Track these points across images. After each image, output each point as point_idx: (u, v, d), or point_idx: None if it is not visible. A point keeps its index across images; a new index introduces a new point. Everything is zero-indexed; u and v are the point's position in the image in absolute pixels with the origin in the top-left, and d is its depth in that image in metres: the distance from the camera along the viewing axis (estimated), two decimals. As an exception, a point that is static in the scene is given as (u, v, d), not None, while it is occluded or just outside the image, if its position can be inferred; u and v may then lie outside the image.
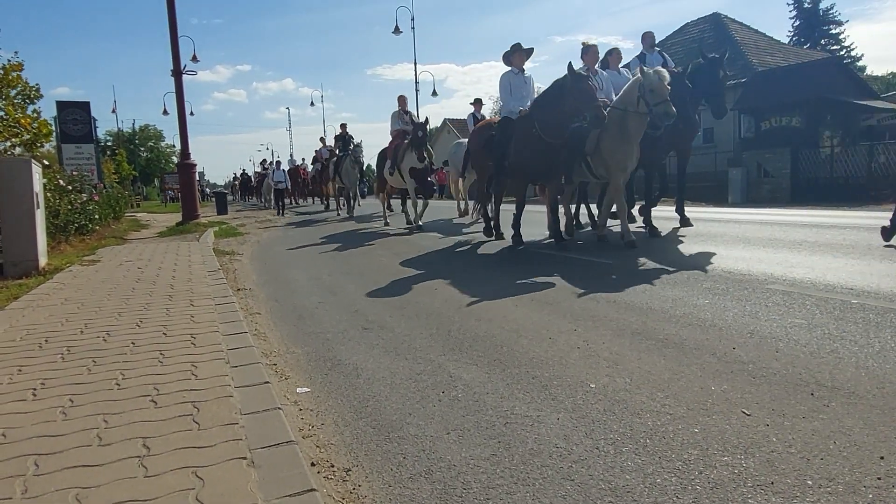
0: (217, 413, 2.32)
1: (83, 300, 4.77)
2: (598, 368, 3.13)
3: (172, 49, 14.95)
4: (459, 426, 2.54)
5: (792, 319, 3.81)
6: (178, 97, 14.68)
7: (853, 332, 3.47)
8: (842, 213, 11.26)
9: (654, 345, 3.48)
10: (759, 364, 3.04)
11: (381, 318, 4.53)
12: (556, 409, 2.63)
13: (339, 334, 4.15)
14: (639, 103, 7.04)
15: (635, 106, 7.08)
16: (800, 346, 3.29)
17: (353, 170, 16.30)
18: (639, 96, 7.03)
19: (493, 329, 4.01)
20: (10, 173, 6.61)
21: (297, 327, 4.44)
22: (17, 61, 16.38)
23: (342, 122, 18.16)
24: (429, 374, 3.23)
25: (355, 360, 3.53)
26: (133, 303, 4.62)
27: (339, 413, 2.75)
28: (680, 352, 3.32)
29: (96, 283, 5.70)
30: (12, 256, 6.61)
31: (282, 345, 3.97)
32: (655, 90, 6.87)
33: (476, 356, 3.48)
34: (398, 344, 3.83)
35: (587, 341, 3.62)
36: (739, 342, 3.43)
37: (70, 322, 3.97)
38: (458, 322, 4.27)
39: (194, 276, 6.00)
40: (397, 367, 3.38)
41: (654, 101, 6.86)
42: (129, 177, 43.02)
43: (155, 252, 8.40)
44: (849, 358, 3.05)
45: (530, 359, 3.37)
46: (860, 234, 7.29)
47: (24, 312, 4.34)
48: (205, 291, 5.05)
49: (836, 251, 6.22)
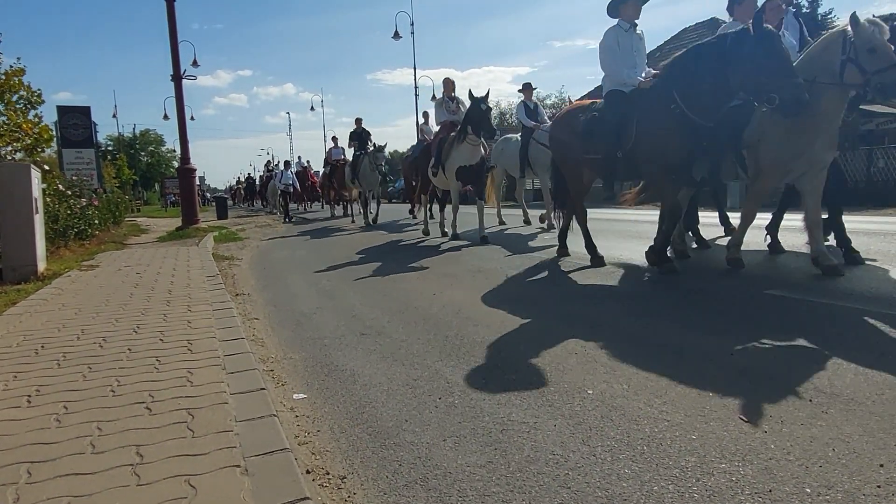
0: (212, 420, 2.31)
1: (80, 305, 4.76)
2: (595, 374, 3.12)
3: (172, 53, 14.98)
4: (456, 433, 2.52)
5: (790, 324, 3.80)
6: (178, 102, 14.69)
7: (852, 338, 3.46)
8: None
9: (651, 350, 3.46)
10: (757, 370, 3.03)
11: (379, 324, 4.51)
12: (553, 416, 2.62)
13: (336, 340, 4.14)
14: (844, 70, 4.82)
15: (837, 75, 4.86)
16: (798, 351, 3.28)
17: (373, 172, 14.38)
18: (844, 59, 4.81)
19: (490, 334, 3.99)
20: (9, 178, 6.60)
21: (294, 332, 4.43)
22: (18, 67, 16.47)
23: (357, 118, 16.03)
24: (425, 379, 3.22)
25: (352, 366, 3.52)
26: (130, 308, 4.61)
27: (336, 419, 2.74)
28: (678, 357, 3.31)
29: (94, 288, 5.69)
30: (11, 261, 6.60)
31: (279, 350, 3.96)
32: (878, 49, 4.65)
33: (473, 362, 3.46)
34: (395, 349, 3.82)
35: (584, 347, 3.60)
36: (737, 347, 3.41)
37: (67, 328, 3.96)
38: (455, 327, 4.25)
39: (193, 281, 5.99)
40: (394, 372, 3.37)
41: (876, 68, 4.66)
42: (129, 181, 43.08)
43: (154, 257, 8.39)
44: (847, 363, 3.04)
45: (528, 364, 3.35)
46: (858, 239, 7.23)
47: (21, 318, 4.33)
48: (203, 297, 5.04)
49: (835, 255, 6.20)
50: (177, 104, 14.63)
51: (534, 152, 10.68)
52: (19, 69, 16.62)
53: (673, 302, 4.62)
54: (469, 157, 9.06)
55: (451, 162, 9.26)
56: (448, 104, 10.16)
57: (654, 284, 5.31)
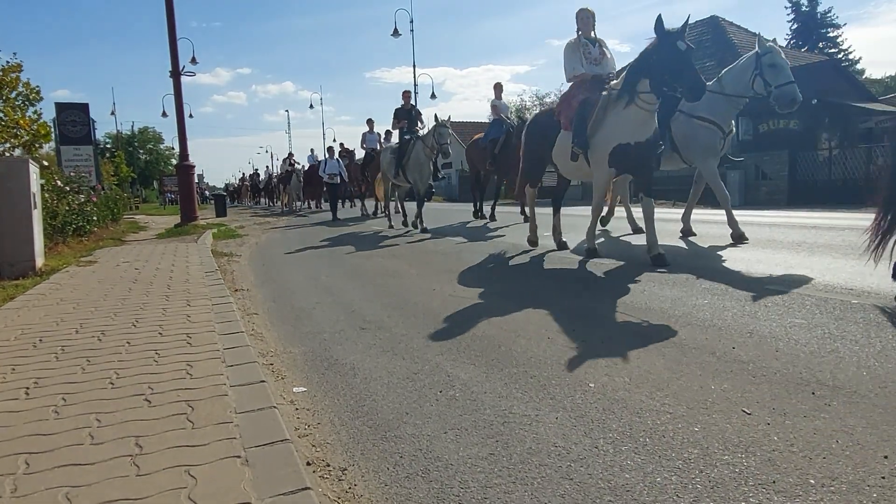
0: (211, 412, 2.30)
1: (79, 300, 4.74)
2: (596, 368, 3.10)
3: (171, 50, 14.96)
4: (457, 425, 2.51)
5: (791, 319, 3.79)
6: (176, 98, 14.66)
7: (854, 332, 3.45)
8: (840, 214, 11.23)
9: (653, 345, 3.45)
10: (759, 363, 3.02)
11: (379, 318, 4.50)
12: (555, 409, 2.60)
13: (336, 334, 4.12)
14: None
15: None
16: (800, 346, 3.26)
17: (427, 161, 11.19)
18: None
19: (491, 329, 3.98)
20: (7, 173, 6.58)
21: (294, 327, 4.41)
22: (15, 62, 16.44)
23: (405, 91, 12.85)
24: (426, 373, 3.20)
25: (352, 360, 3.50)
26: (129, 303, 4.59)
27: (336, 412, 2.72)
28: (680, 351, 3.30)
29: (93, 283, 5.67)
30: (9, 257, 6.57)
31: (279, 345, 3.94)
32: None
33: (474, 356, 3.45)
34: (395, 343, 3.80)
35: (586, 341, 3.59)
36: (739, 342, 3.40)
37: (65, 322, 3.94)
38: (456, 322, 4.24)
39: (192, 276, 5.97)
40: (394, 366, 3.35)
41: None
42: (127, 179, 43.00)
43: (153, 253, 8.36)
44: (850, 357, 3.03)
45: (528, 358, 3.34)
46: (860, 238, 7.26)
47: (19, 312, 4.31)
48: (202, 292, 5.02)
49: (836, 252, 6.20)
50: (175, 101, 14.60)
51: None
52: (16, 65, 16.60)
53: (672, 299, 4.60)
54: (637, 129, 5.90)
55: (605, 136, 6.09)
56: (588, 48, 6.74)
57: (654, 280, 5.30)
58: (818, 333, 3.47)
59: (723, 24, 27.05)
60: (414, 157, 11.32)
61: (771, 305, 4.18)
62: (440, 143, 10.59)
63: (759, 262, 5.92)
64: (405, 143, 11.73)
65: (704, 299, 4.48)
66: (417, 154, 11.24)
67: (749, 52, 6.97)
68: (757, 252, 6.53)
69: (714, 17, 27.70)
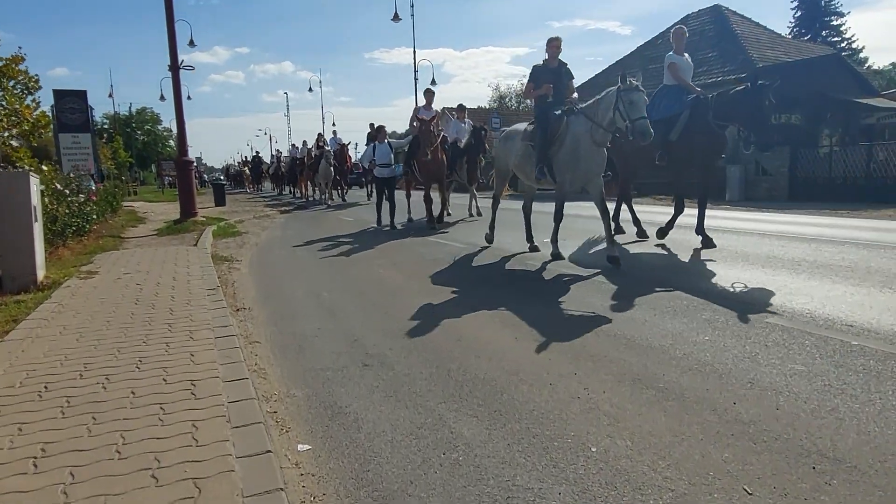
0: (218, 494, 2.32)
1: (82, 328, 4.76)
2: (599, 427, 3.13)
3: (170, 43, 14.81)
4: (461, 498, 2.54)
5: (792, 365, 3.81)
6: (175, 92, 14.56)
7: (854, 385, 3.47)
8: (840, 220, 11.24)
9: (654, 396, 3.48)
10: (760, 426, 3.04)
11: (381, 351, 4.51)
12: (558, 481, 2.63)
13: (338, 372, 4.14)
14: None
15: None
16: (800, 402, 3.29)
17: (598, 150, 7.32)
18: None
19: (492, 370, 4.00)
20: (7, 186, 6.55)
21: (296, 361, 4.43)
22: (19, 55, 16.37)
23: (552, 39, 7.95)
24: (429, 427, 3.23)
25: (356, 408, 3.52)
26: (132, 333, 4.60)
27: (341, 480, 2.74)
28: (681, 406, 3.32)
29: (95, 303, 5.68)
30: (10, 271, 6.57)
31: (282, 384, 3.96)
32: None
33: (476, 405, 3.47)
34: (398, 386, 3.82)
35: (587, 388, 3.62)
36: (740, 394, 3.42)
37: (69, 361, 3.96)
38: (457, 359, 4.26)
39: (193, 294, 5.98)
40: (398, 417, 3.37)
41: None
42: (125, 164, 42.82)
43: (153, 261, 8.36)
44: (850, 419, 3.06)
45: (531, 411, 3.37)
46: (859, 253, 7.30)
47: (22, 346, 4.32)
48: (204, 318, 5.03)
49: (835, 274, 6.22)
50: (174, 95, 14.50)
51: None
52: (19, 57, 16.56)
53: (673, 334, 4.62)
54: None
55: None
56: None
57: (656, 308, 5.32)
58: (818, 385, 3.50)
59: (726, 13, 26.82)
60: (571, 143, 7.33)
61: (771, 345, 4.21)
62: (633, 119, 6.63)
63: (760, 284, 5.94)
64: (554, 120, 7.61)
65: (705, 335, 4.50)
66: (578, 139, 7.26)
67: (752, 43, 7.46)
68: (757, 272, 6.54)
69: (717, 7, 27.44)
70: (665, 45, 27.84)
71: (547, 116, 7.72)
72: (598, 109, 7.12)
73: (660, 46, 27.87)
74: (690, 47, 25.81)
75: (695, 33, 26.63)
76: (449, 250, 9.23)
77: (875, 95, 21.24)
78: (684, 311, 5.19)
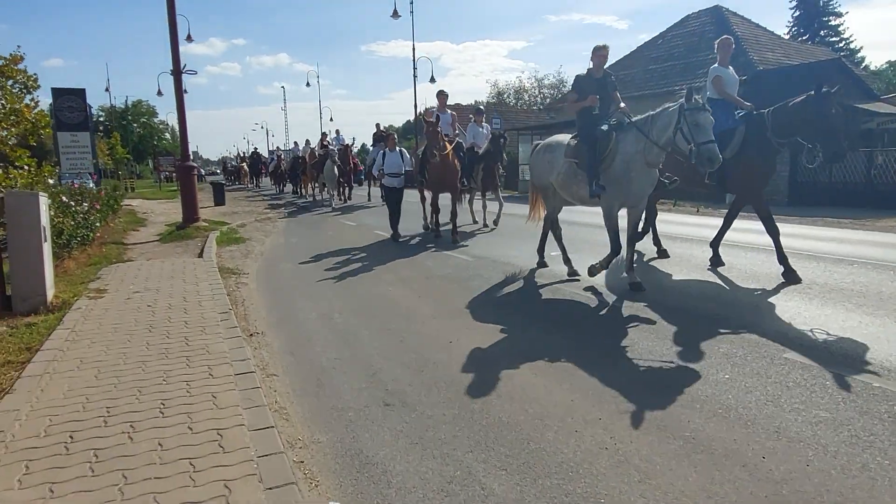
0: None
1: (99, 362, 4.73)
2: (630, 484, 3.13)
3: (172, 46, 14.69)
4: (500, 569, 2.53)
5: (816, 412, 3.81)
6: (177, 97, 14.46)
7: (881, 436, 3.49)
8: (845, 234, 11.25)
9: (682, 447, 3.47)
10: (791, 485, 3.05)
11: (401, 388, 4.51)
12: (596, 551, 2.63)
13: (360, 412, 4.13)
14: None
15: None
16: (829, 457, 3.30)
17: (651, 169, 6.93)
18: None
19: (515, 413, 3.99)
20: (17, 207, 6.50)
21: (316, 398, 4.41)
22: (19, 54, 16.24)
23: (597, 49, 7.37)
24: (459, 483, 3.22)
25: (383, 457, 3.51)
26: (151, 369, 4.58)
27: (377, 547, 2.74)
28: (710, 460, 3.32)
29: (108, 330, 5.65)
30: (21, 292, 6.53)
31: (305, 427, 3.94)
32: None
33: (504, 456, 3.47)
34: (423, 431, 3.81)
35: (613, 437, 3.62)
36: (768, 447, 3.42)
37: (91, 403, 3.93)
38: (479, 399, 4.25)
39: (206, 320, 5.95)
40: (426, 469, 3.36)
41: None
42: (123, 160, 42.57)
43: (161, 276, 8.32)
44: (882, 479, 3.07)
45: (559, 463, 3.36)
46: (869, 276, 7.31)
47: (41, 383, 4.29)
48: (220, 349, 5.01)
49: (848, 300, 6.23)
50: (177, 99, 14.40)
51: None
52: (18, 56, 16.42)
53: (695, 372, 4.63)
54: None
55: None
56: None
57: (682, 341, 5.32)
58: (846, 436, 3.50)
59: (726, 14, 26.80)
60: (622, 162, 6.83)
61: (793, 387, 4.21)
62: (700, 142, 6.07)
63: (774, 311, 5.95)
64: (602, 136, 7.04)
65: (725, 373, 4.50)
66: (630, 158, 6.78)
67: (752, 45, 7.21)
68: (770, 296, 6.55)
69: (717, 7, 27.44)
70: (666, 45, 27.94)
71: (593, 132, 7.14)
72: (655, 126, 6.56)
73: (660, 46, 27.89)
74: (689, 49, 26.05)
75: (694, 35, 26.66)
76: (459, 264, 9.20)
77: (875, 100, 21.25)
78: (702, 344, 5.18)
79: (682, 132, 6.21)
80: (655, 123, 6.57)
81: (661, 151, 6.64)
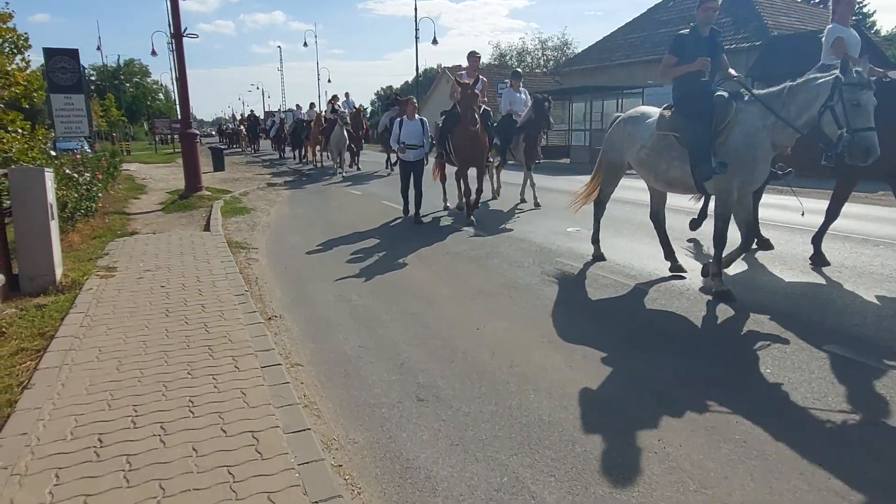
0: None
1: (119, 352, 4.57)
2: (686, 494, 3.02)
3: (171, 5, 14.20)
4: None
5: (866, 413, 3.70)
6: (179, 61, 14.05)
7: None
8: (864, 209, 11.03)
9: (733, 450, 3.36)
10: (853, 498, 2.94)
11: (432, 381, 4.38)
12: (663, 573, 2.52)
13: (393, 408, 4.00)
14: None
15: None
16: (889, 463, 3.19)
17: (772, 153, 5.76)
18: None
19: (556, 411, 3.86)
20: (21, 184, 6.28)
21: (346, 392, 4.28)
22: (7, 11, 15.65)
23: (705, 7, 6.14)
24: (508, 491, 3.10)
25: (424, 461, 3.38)
26: (174, 361, 4.43)
27: (433, 567, 2.63)
28: (764, 465, 3.21)
29: (124, 314, 5.49)
30: (28, 271, 6.35)
31: (338, 425, 3.81)
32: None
33: (551, 460, 3.35)
34: (462, 431, 3.68)
35: (662, 440, 3.50)
36: (824, 453, 3.31)
37: (116, 401, 3.79)
38: (514, 393, 4.13)
39: (223, 303, 5.80)
40: (471, 475, 3.24)
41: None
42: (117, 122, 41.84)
43: (170, 252, 8.13)
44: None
45: (609, 469, 3.24)
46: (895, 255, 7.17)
47: (60, 377, 4.13)
48: (242, 337, 4.87)
49: (879, 286, 6.09)
50: (178, 64, 14.00)
51: None
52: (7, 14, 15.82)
53: (758, 372, 4.51)
54: None
55: None
56: None
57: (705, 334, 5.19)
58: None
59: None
60: (745, 140, 5.65)
61: (837, 384, 4.09)
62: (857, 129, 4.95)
63: (808, 300, 5.81)
64: (722, 105, 5.81)
65: (767, 367, 4.38)
66: (755, 135, 5.61)
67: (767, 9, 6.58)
68: (802, 281, 6.41)
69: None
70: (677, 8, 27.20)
71: (704, 101, 5.84)
72: (793, 101, 5.30)
73: (671, 9, 27.25)
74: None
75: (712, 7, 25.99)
76: (476, 243, 9.03)
77: (890, 66, 20.86)
78: (742, 335, 5.06)
79: (834, 113, 5.01)
80: (795, 98, 5.31)
81: (794, 134, 5.41)
